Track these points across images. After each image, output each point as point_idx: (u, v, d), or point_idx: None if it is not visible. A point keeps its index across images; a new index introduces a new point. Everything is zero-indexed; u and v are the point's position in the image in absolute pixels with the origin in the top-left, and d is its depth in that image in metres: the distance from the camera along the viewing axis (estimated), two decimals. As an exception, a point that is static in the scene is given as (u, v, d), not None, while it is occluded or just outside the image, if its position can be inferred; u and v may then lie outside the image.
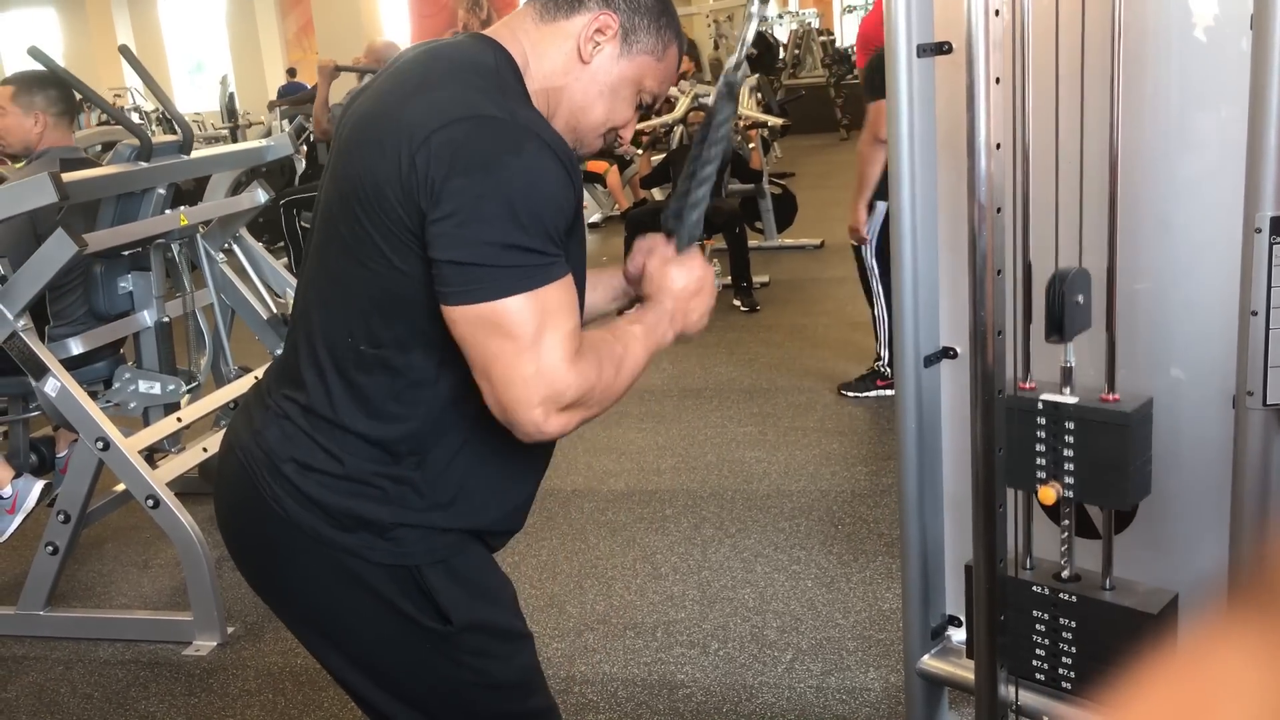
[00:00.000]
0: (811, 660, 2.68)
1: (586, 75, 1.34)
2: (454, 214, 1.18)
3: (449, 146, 1.19)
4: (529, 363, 1.20)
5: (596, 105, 1.36)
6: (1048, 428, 1.55)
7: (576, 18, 1.33)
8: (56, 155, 3.19)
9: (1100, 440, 1.51)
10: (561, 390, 1.21)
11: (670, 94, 8.43)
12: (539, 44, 1.34)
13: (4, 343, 2.89)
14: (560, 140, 1.25)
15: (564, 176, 1.22)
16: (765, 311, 6.00)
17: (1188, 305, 1.58)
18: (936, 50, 1.65)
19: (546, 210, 1.20)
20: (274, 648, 2.91)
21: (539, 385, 1.20)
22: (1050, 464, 1.55)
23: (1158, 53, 1.54)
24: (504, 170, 1.18)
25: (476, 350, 1.21)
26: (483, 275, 1.18)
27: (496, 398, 1.22)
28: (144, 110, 10.75)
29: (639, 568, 3.22)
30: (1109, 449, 1.50)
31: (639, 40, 1.35)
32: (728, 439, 4.19)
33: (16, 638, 3.09)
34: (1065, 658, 1.61)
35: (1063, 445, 1.54)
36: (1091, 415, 1.51)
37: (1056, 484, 1.55)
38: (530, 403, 1.20)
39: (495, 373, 1.21)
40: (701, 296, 1.44)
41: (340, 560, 1.33)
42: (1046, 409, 1.54)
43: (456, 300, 1.20)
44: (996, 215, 1.52)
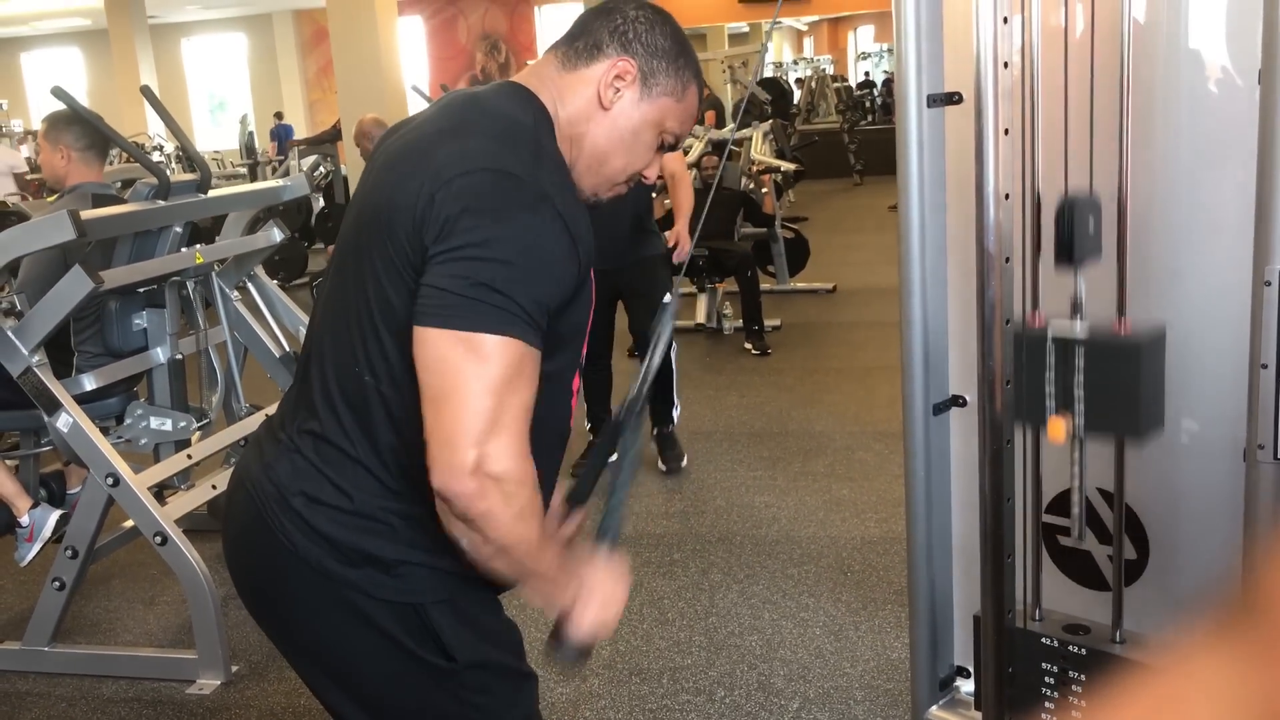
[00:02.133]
0: (819, 710, 2.65)
1: (608, 121, 1.35)
2: (456, 249, 1.19)
3: (468, 190, 1.21)
4: (490, 401, 1.16)
5: (618, 150, 1.37)
6: (1058, 358, 1.48)
7: (596, 65, 1.35)
8: (88, 191, 3.24)
9: (1112, 369, 1.44)
10: (507, 450, 1.16)
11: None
12: (564, 92, 1.36)
13: (19, 377, 2.91)
14: (575, 214, 1.26)
15: (569, 249, 1.23)
16: (776, 355, 5.99)
17: (1198, 357, 1.58)
18: (946, 100, 1.66)
19: (543, 277, 1.20)
20: (278, 688, 2.90)
21: (491, 429, 1.15)
22: (1061, 395, 1.49)
23: (1166, 105, 1.54)
24: (515, 223, 1.20)
25: (437, 376, 1.18)
26: (466, 306, 1.18)
27: (440, 430, 1.16)
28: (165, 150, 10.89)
29: (645, 612, 3.20)
30: (1120, 378, 1.44)
31: (658, 83, 1.36)
32: (737, 483, 4.17)
33: (21, 673, 3.08)
34: (1074, 711, 1.59)
35: (1074, 377, 1.47)
36: (1102, 344, 1.45)
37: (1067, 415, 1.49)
38: (478, 439, 1.15)
39: (453, 399, 1.16)
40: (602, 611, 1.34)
41: (345, 595, 1.33)
42: (1057, 340, 1.48)
43: (432, 322, 1.18)
44: (1005, 265, 1.52)
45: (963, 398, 1.78)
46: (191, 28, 19.49)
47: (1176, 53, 1.54)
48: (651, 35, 1.35)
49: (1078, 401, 1.47)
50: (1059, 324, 1.48)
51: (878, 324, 6.30)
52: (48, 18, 18.00)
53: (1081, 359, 1.46)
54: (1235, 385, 1.46)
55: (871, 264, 8.03)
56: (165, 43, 18.33)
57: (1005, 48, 1.48)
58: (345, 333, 1.32)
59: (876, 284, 7.37)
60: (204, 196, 3.50)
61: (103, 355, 3.36)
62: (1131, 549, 1.68)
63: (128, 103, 13.29)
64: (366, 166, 1.40)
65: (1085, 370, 1.46)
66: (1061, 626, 1.61)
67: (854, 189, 13.17)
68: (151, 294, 3.46)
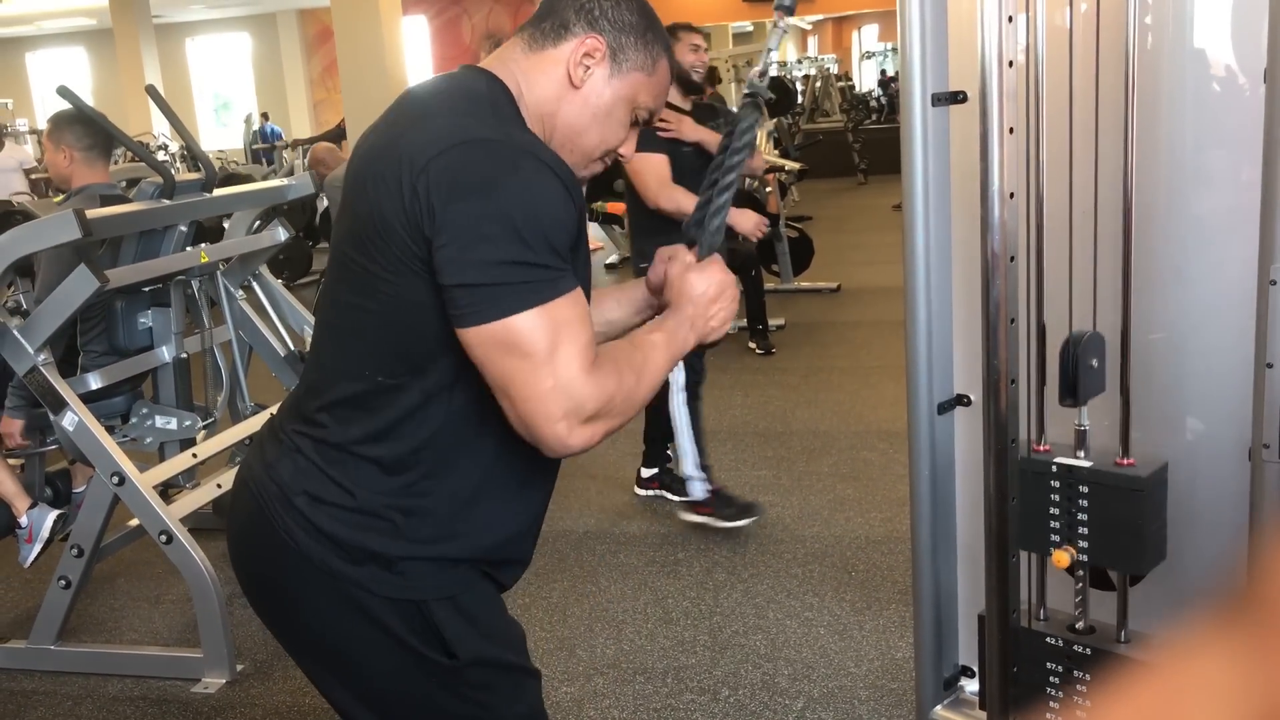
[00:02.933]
0: (823, 709, 2.65)
1: (579, 99, 1.35)
2: (457, 238, 1.19)
3: (447, 172, 1.21)
4: (546, 377, 1.20)
5: (591, 128, 1.37)
6: (1062, 491, 1.53)
7: (564, 44, 1.35)
8: (96, 192, 3.25)
9: (1115, 505, 1.49)
10: (582, 402, 1.22)
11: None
12: (529, 73, 1.35)
13: (24, 376, 2.92)
14: (557, 158, 1.27)
15: (563, 193, 1.23)
16: (781, 354, 5.99)
17: (1203, 357, 1.58)
18: (951, 99, 1.66)
19: (548, 226, 1.21)
20: (283, 686, 2.90)
21: (559, 399, 1.20)
22: (1064, 527, 1.54)
23: (1172, 104, 1.54)
24: (503, 191, 1.20)
25: (494, 370, 1.22)
26: (492, 294, 1.19)
27: (518, 415, 1.23)
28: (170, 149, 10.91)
29: (650, 612, 3.20)
30: (1124, 514, 1.49)
31: (628, 59, 1.36)
32: (741, 482, 4.17)
33: (27, 672, 3.09)
34: (1079, 710, 1.58)
35: (1077, 509, 1.52)
36: (1106, 479, 1.50)
37: (1070, 548, 1.53)
38: (552, 417, 1.21)
39: (514, 390, 1.21)
40: (722, 302, 1.43)
41: (348, 593, 1.33)
42: (1060, 472, 1.53)
43: (470, 322, 1.21)
44: (1010, 264, 1.52)
45: (967, 397, 1.78)
46: (196, 27, 19.51)
47: (1181, 52, 1.53)
48: (618, 11, 1.35)
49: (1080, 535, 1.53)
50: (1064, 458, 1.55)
51: (882, 323, 6.30)
52: (53, 17, 18.02)
53: (1086, 490, 1.52)
54: (1240, 385, 1.46)
55: (875, 263, 8.02)
56: (170, 42, 18.34)
57: (1010, 47, 1.48)
58: (348, 333, 1.33)
59: (880, 283, 7.36)
60: (209, 195, 3.50)
61: (108, 354, 3.37)
62: (1136, 548, 1.67)
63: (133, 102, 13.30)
64: (346, 171, 1.40)
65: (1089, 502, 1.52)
66: (1066, 626, 1.61)
67: (858, 188, 13.16)
68: (157, 293, 3.47)
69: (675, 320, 1.40)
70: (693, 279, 1.42)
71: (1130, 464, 1.51)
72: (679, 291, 1.42)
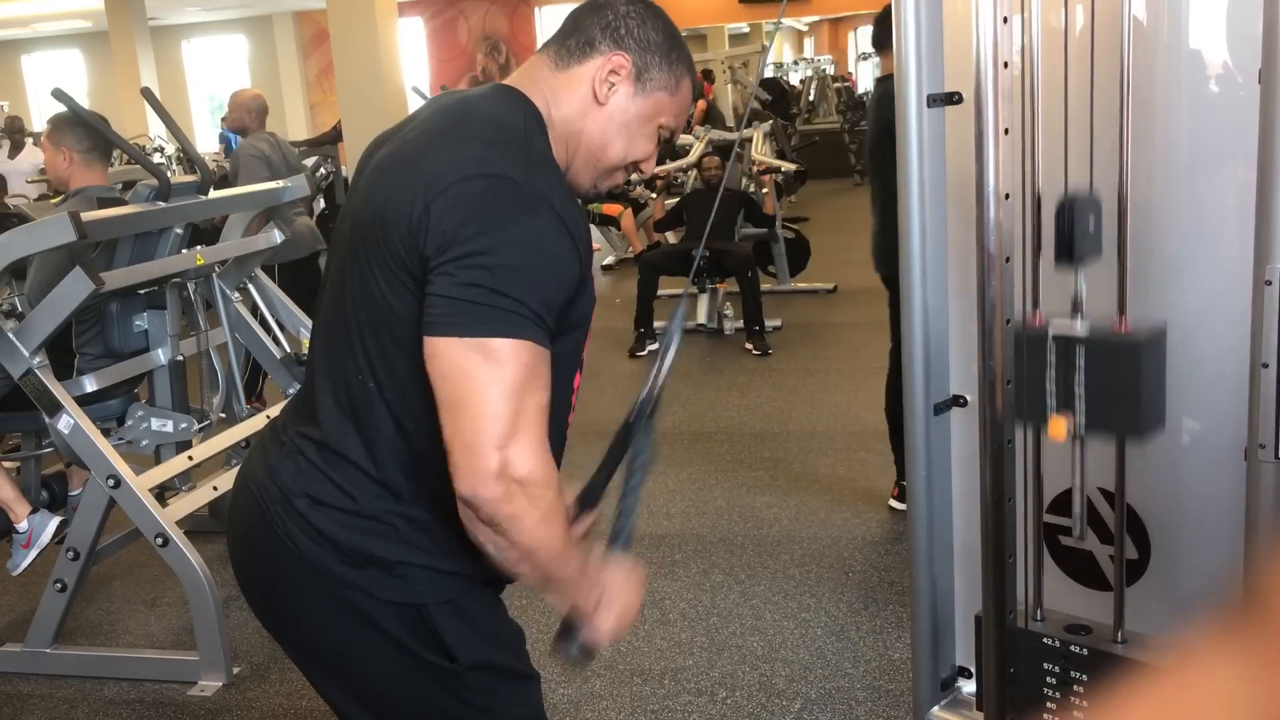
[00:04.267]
0: (820, 710, 2.65)
1: (603, 116, 1.36)
2: (460, 257, 1.19)
3: (465, 199, 1.21)
4: (509, 405, 1.16)
5: (615, 144, 1.37)
6: (1059, 358, 1.48)
7: (589, 62, 1.35)
8: (93, 194, 3.25)
9: (1112, 369, 1.44)
10: (529, 452, 1.17)
11: (685, 140, 8.50)
12: (557, 92, 1.36)
13: (20, 379, 2.91)
14: (572, 212, 1.26)
15: (570, 249, 1.23)
16: (777, 355, 5.99)
17: (1199, 357, 1.58)
18: (946, 100, 1.66)
19: (548, 278, 1.21)
20: (279, 689, 2.90)
21: (509, 433, 1.16)
22: (1061, 394, 1.49)
23: (1167, 104, 1.54)
24: (516, 228, 1.20)
25: (454, 385, 1.18)
26: (476, 313, 1.18)
27: (461, 437, 1.17)
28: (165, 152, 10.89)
29: (647, 613, 3.20)
30: (1121, 377, 1.44)
31: (652, 78, 1.36)
32: (738, 483, 4.17)
33: (23, 675, 3.08)
34: (1076, 711, 1.58)
35: (1074, 376, 1.47)
36: (1102, 344, 1.45)
37: (1068, 414, 1.48)
38: (499, 444, 1.16)
39: (468, 410, 1.17)
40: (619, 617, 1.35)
41: (348, 596, 1.33)
42: (1057, 340, 1.48)
43: (443, 331, 1.19)
44: (1005, 265, 1.52)
45: (963, 397, 1.78)
46: (192, 29, 19.48)
47: (1177, 52, 1.53)
48: (644, 30, 1.35)
49: (1078, 400, 1.47)
50: (1059, 323, 1.48)
51: (878, 324, 6.27)
52: (48, 20, 17.99)
53: (1082, 358, 1.46)
54: (1236, 385, 1.45)
55: (872, 264, 8.01)
56: (166, 45, 18.32)
57: (1005, 47, 1.48)
58: (345, 339, 1.33)
59: (877, 284, 7.29)
60: (204, 198, 3.50)
61: (104, 357, 3.36)
62: (1133, 548, 1.68)
63: (128, 105, 13.29)
64: (356, 174, 1.40)
65: (1086, 369, 1.45)
66: (1063, 626, 1.61)
67: (854, 189, 13.15)
68: (152, 295, 3.46)
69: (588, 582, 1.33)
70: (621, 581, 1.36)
71: (1127, 332, 1.47)
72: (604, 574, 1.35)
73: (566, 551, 1.27)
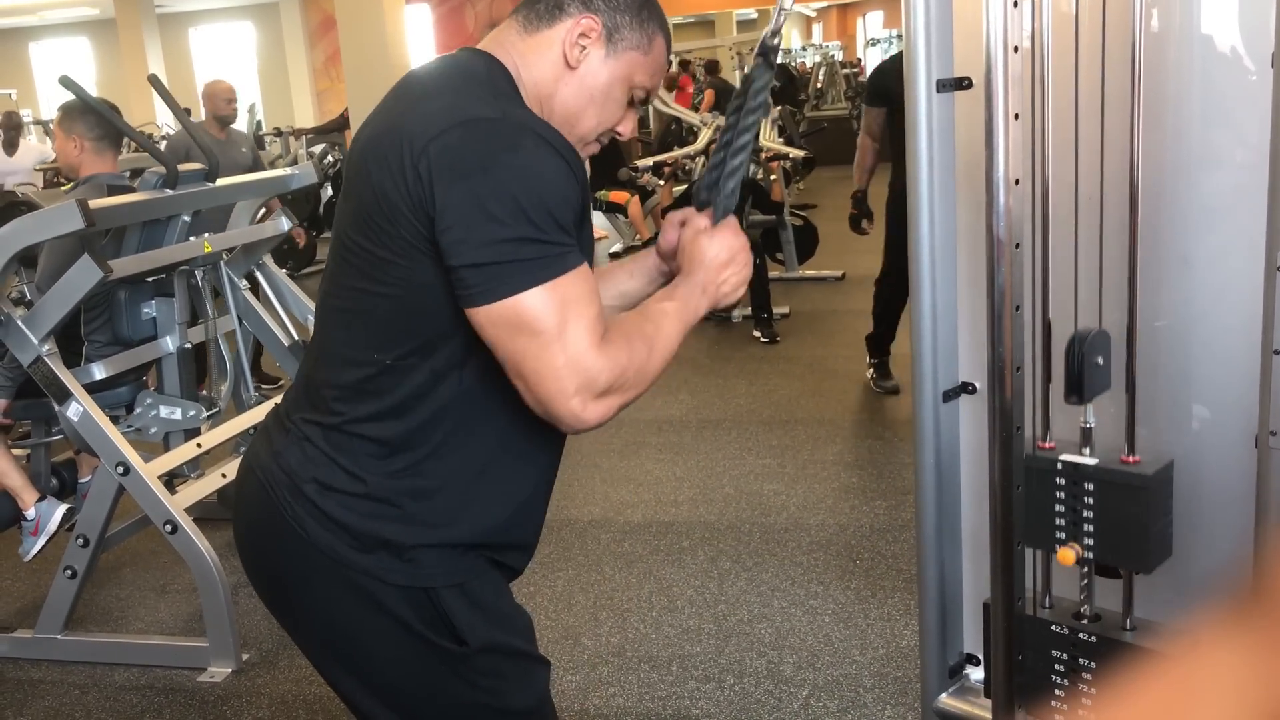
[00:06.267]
0: (828, 697, 2.65)
1: (575, 80, 1.35)
2: (462, 219, 1.19)
3: (447, 153, 1.20)
4: (557, 354, 1.20)
5: (589, 109, 1.36)
6: (1067, 489, 1.53)
7: (559, 25, 1.34)
8: (103, 181, 3.25)
9: (1120, 503, 1.48)
10: (594, 377, 1.22)
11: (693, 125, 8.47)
12: (526, 55, 1.35)
13: (29, 366, 2.92)
14: (557, 134, 1.26)
15: (564, 168, 1.23)
16: (785, 343, 5.98)
17: (1209, 344, 1.57)
18: (956, 85, 1.65)
19: (552, 202, 1.21)
20: (288, 675, 2.91)
21: (571, 375, 1.20)
22: (1070, 524, 1.53)
23: (1179, 89, 1.53)
24: (503, 169, 1.20)
25: (505, 349, 1.22)
26: (499, 273, 1.19)
27: (532, 393, 1.23)
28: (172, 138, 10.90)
29: (655, 600, 3.20)
30: (1129, 512, 1.48)
31: (623, 38, 1.35)
32: (746, 471, 4.17)
33: (34, 661, 3.10)
34: (1085, 698, 1.58)
35: (1082, 506, 1.52)
36: (1111, 477, 1.49)
37: (1076, 546, 1.52)
38: (565, 393, 1.21)
39: (526, 368, 1.22)
40: (734, 266, 1.42)
41: (357, 581, 1.33)
42: (1066, 469, 1.53)
43: (478, 301, 1.21)
44: (1015, 251, 1.51)
45: (972, 384, 1.77)
46: (199, 17, 19.47)
47: (1188, 36, 1.52)
48: None
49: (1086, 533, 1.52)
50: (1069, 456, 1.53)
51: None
52: (56, 7, 18.00)
53: (1091, 488, 1.50)
54: (1247, 371, 1.45)
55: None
56: (173, 32, 18.32)
57: (1015, 32, 1.46)
58: (360, 323, 1.32)
59: (885, 271, 7.33)
60: (211, 185, 3.50)
61: (112, 344, 3.37)
62: (1142, 536, 1.67)
63: (136, 92, 13.30)
64: (347, 156, 1.40)
65: (1095, 500, 1.50)
66: (1072, 614, 1.60)
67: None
68: (160, 283, 3.47)
69: (687, 287, 1.39)
70: (704, 243, 1.41)
71: (1135, 461, 1.50)
72: (690, 257, 1.41)
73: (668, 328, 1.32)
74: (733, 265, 1.42)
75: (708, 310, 1.41)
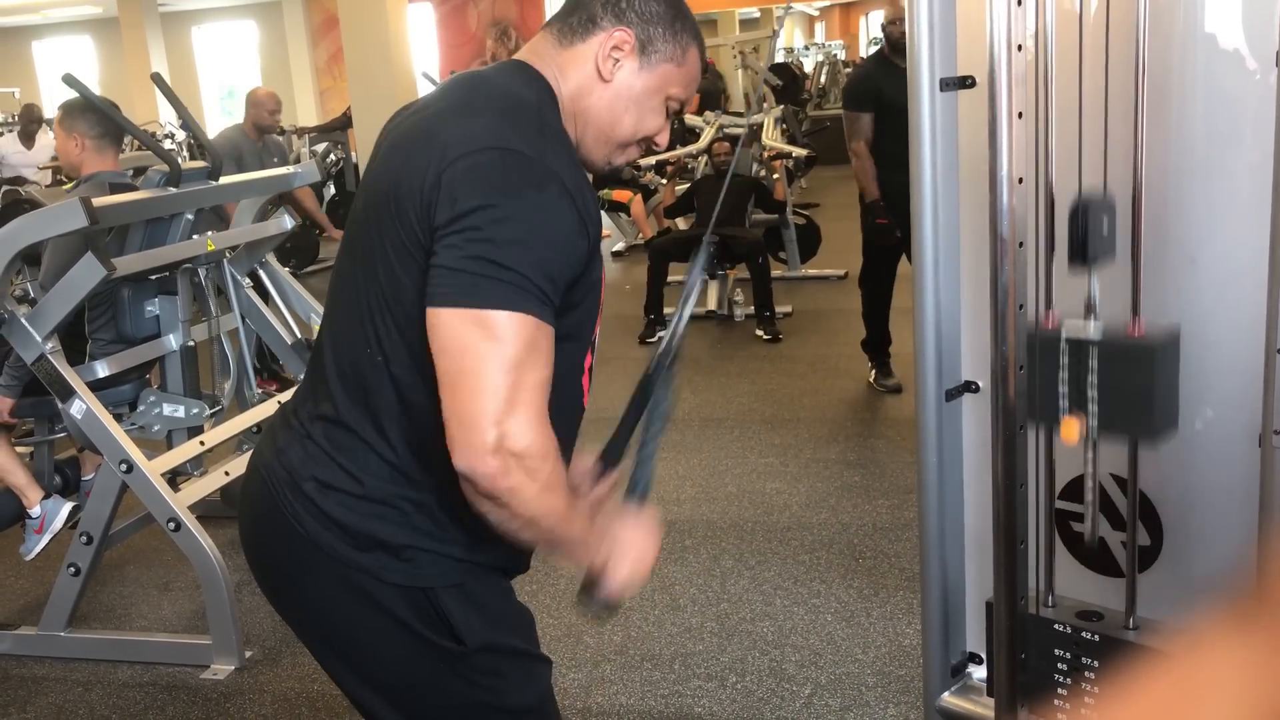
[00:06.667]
0: (830, 695, 2.65)
1: (610, 92, 1.35)
2: (465, 229, 1.19)
3: (475, 170, 1.20)
4: (507, 378, 1.16)
5: (624, 120, 1.36)
6: (1071, 360, 1.48)
7: (593, 39, 1.34)
8: (105, 179, 3.25)
9: (1125, 372, 1.44)
10: (524, 429, 1.16)
11: (695, 125, 8.47)
12: (564, 69, 1.35)
13: (33, 364, 2.93)
14: (582, 190, 1.25)
15: (579, 226, 1.23)
16: (787, 342, 5.98)
17: (1213, 344, 1.57)
18: (960, 84, 1.65)
19: (555, 253, 1.20)
20: (291, 673, 2.91)
21: (507, 409, 1.15)
22: (1074, 395, 1.49)
23: (1182, 88, 1.53)
24: (524, 201, 1.20)
25: (453, 358, 1.17)
26: (478, 284, 1.17)
27: (459, 411, 1.16)
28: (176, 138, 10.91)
29: (657, 598, 3.20)
30: (1134, 380, 1.44)
31: (657, 50, 1.35)
32: (748, 469, 4.17)
33: (37, 658, 3.11)
34: (1087, 697, 1.58)
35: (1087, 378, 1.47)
36: (1116, 348, 1.45)
37: (1080, 415, 1.48)
38: (496, 419, 1.15)
39: (466, 383, 1.16)
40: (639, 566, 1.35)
41: (356, 580, 1.33)
42: (1070, 343, 1.48)
43: (444, 302, 1.18)
44: (1018, 250, 1.51)
45: (975, 383, 1.77)
46: (202, 15, 19.48)
47: (1192, 35, 1.52)
48: (645, 2, 1.34)
49: (1091, 403, 1.47)
50: (1073, 324, 1.48)
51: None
52: (59, 6, 18.00)
53: (1095, 360, 1.46)
54: (1250, 371, 1.45)
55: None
56: (176, 31, 18.32)
57: (1019, 31, 1.46)
58: (357, 316, 1.33)
59: (888, 270, 7.33)
60: (215, 184, 3.50)
61: (116, 342, 3.37)
62: (1145, 535, 1.67)
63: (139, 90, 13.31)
64: (374, 150, 1.40)
65: (1099, 371, 1.45)
66: (1074, 613, 1.61)
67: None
68: (164, 281, 3.47)
69: (595, 537, 1.32)
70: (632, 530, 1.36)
71: (1141, 335, 1.46)
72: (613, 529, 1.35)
73: (570, 517, 1.26)
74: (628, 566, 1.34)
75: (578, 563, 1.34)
